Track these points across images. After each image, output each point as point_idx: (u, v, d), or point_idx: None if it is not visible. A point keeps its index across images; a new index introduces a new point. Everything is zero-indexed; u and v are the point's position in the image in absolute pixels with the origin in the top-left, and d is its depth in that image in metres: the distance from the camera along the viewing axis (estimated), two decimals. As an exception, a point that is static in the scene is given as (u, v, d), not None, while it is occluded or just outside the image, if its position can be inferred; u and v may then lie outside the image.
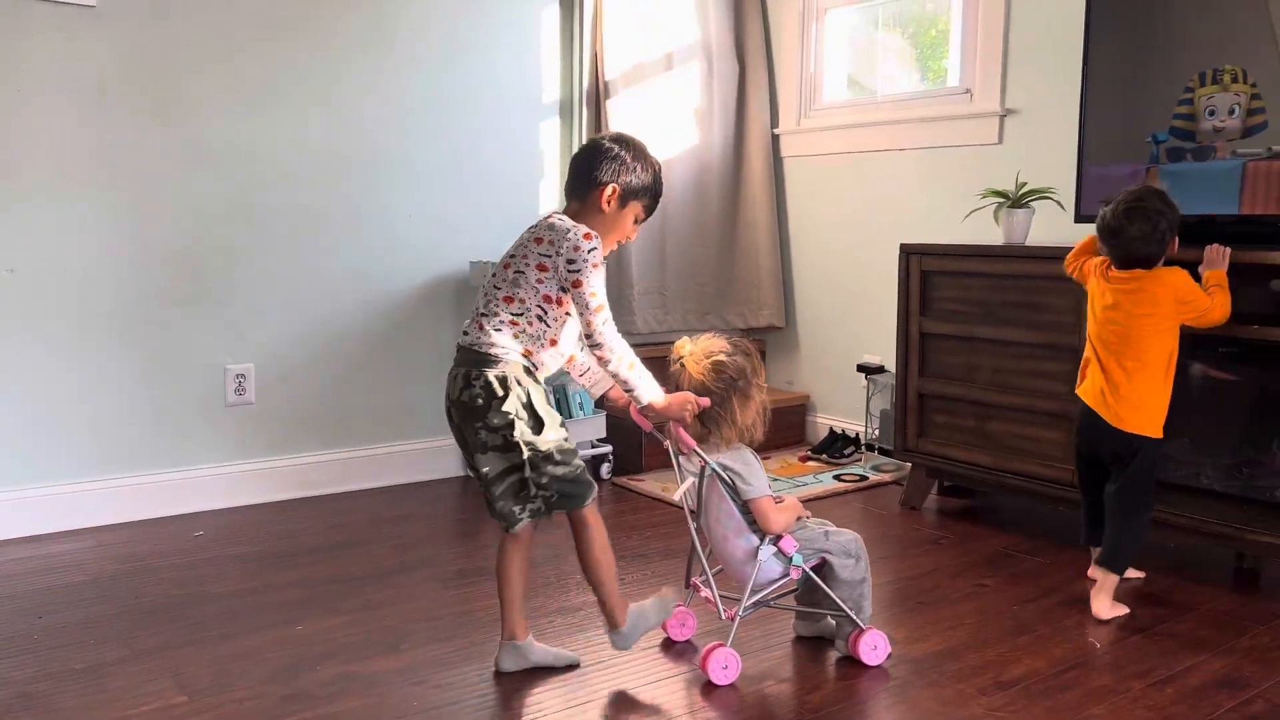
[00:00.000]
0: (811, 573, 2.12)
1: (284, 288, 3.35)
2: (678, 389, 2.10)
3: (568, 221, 2.05)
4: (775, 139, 4.33)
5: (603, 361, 2.03)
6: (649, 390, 2.04)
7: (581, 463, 2.08)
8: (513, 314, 2.03)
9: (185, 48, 3.13)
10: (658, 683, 2.09)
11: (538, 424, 2.01)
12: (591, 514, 2.10)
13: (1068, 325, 2.84)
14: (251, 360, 3.32)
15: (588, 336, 2.02)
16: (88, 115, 3.00)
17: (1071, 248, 2.87)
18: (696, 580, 2.22)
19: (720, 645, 2.08)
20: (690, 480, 2.18)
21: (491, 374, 1.99)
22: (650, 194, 2.13)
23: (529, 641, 2.13)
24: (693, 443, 2.07)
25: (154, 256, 3.13)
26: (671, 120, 4.06)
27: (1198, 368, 2.83)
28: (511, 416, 1.99)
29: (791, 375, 4.34)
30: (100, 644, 2.24)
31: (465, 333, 2.06)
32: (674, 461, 2.20)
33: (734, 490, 2.08)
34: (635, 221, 2.14)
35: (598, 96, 3.91)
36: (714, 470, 2.08)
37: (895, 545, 2.96)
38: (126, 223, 3.08)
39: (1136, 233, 2.40)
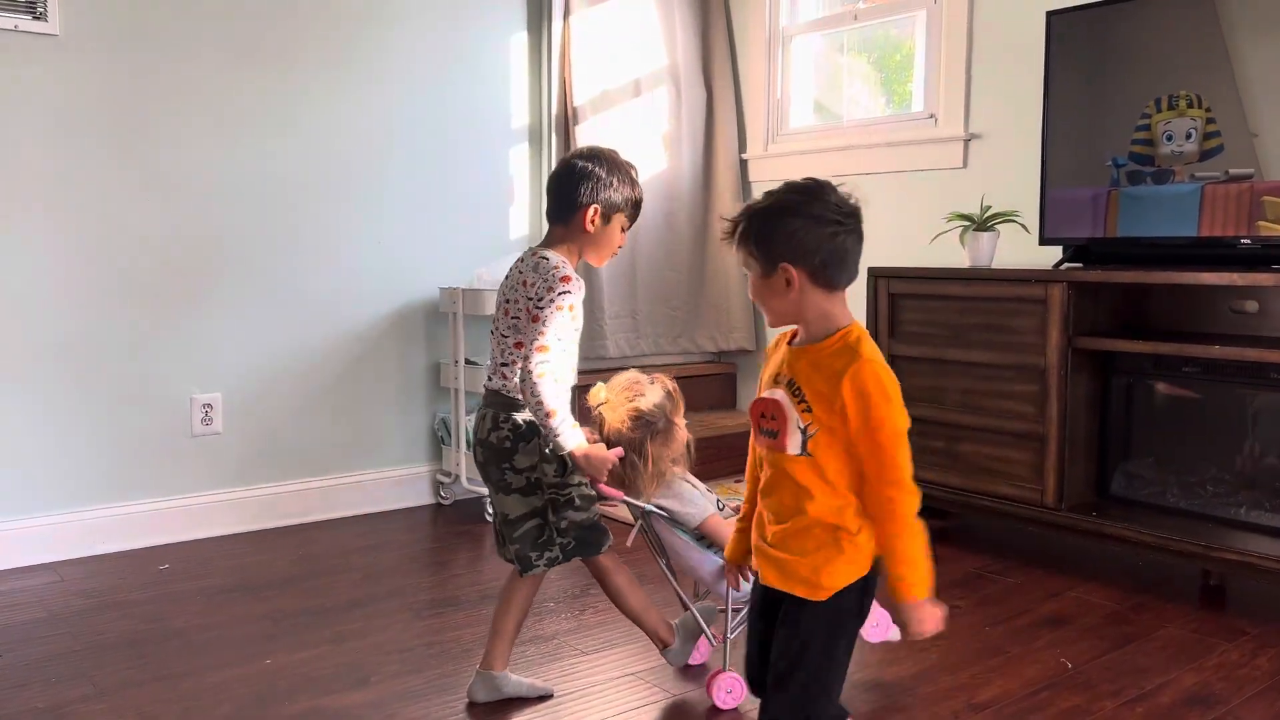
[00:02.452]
0: None
1: (251, 316, 3.32)
2: (601, 435, 2.09)
3: (552, 259, 2.01)
4: (743, 164, 4.36)
5: (528, 402, 1.95)
6: (571, 438, 1.95)
7: (599, 510, 2.09)
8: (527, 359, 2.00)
9: (149, 75, 3.11)
10: (630, 711, 2.07)
11: (562, 467, 2.02)
12: (608, 559, 2.12)
13: (1034, 346, 2.87)
14: (219, 389, 3.28)
15: (523, 373, 1.94)
16: (50, 143, 2.97)
17: (1037, 269, 2.91)
18: (694, 605, 2.22)
19: (722, 671, 2.08)
20: (636, 525, 2.18)
21: (520, 417, 2.01)
22: (632, 204, 2.12)
23: (504, 673, 2.11)
24: (618, 494, 2.06)
25: (119, 285, 3.10)
26: (640, 146, 4.07)
27: (1161, 387, 2.87)
28: (537, 459, 2.01)
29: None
30: (62, 682, 2.19)
31: (490, 378, 2.06)
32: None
33: (679, 524, 2.08)
34: (622, 230, 2.13)
35: (567, 122, 3.92)
36: (652, 511, 2.08)
37: (867, 568, 2.96)
38: (90, 251, 3.05)
39: None
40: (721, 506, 2.13)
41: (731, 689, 2.06)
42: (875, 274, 3.28)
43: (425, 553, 3.18)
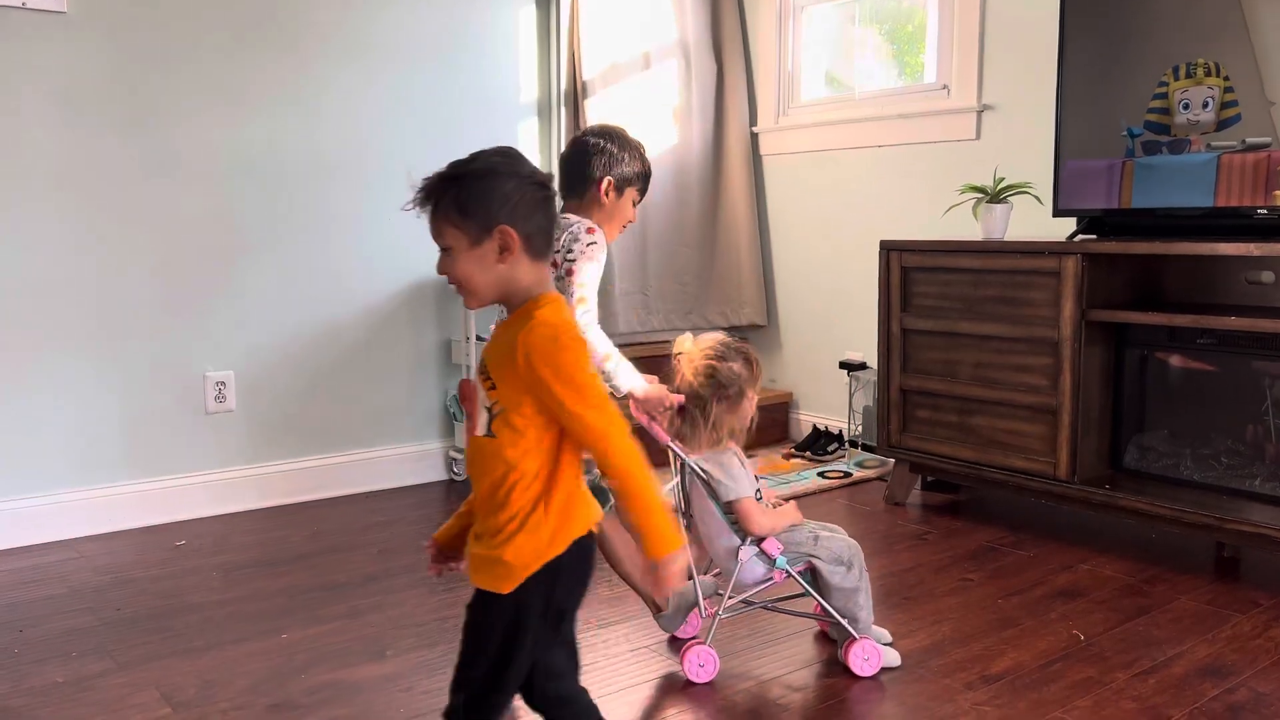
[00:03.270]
0: (798, 577, 2.12)
1: (263, 294, 3.33)
2: (674, 385, 2.11)
3: (573, 218, 2.12)
4: (754, 137, 4.33)
5: None
6: (627, 379, 2.04)
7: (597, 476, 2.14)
8: None
9: (158, 54, 3.10)
10: (641, 685, 2.09)
11: None
12: (608, 523, 2.13)
13: (1048, 318, 2.85)
14: (231, 367, 3.29)
15: None
16: (60, 123, 2.97)
17: (1051, 241, 2.89)
18: (700, 577, 2.22)
19: (699, 643, 2.09)
20: (675, 479, 2.19)
21: None
22: (642, 177, 2.22)
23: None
24: (667, 438, 2.07)
25: (131, 265, 3.11)
26: (650, 120, 4.05)
27: (1175, 359, 2.85)
28: None
29: (774, 373, 4.34)
30: (82, 656, 2.22)
31: None
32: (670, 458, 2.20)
33: (713, 492, 2.08)
34: (633, 204, 2.22)
35: (576, 96, 3.90)
36: (692, 469, 2.08)
37: (879, 541, 2.97)
38: (102, 231, 3.05)
39: None
40: (759, 494, 2.13)
41: (704, 663, 2.07)
42: (887, 247, 3.26)
43: (439, 528, 3.20)
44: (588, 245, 2.06)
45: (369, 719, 1.94)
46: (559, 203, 1.51)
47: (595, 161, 2.15)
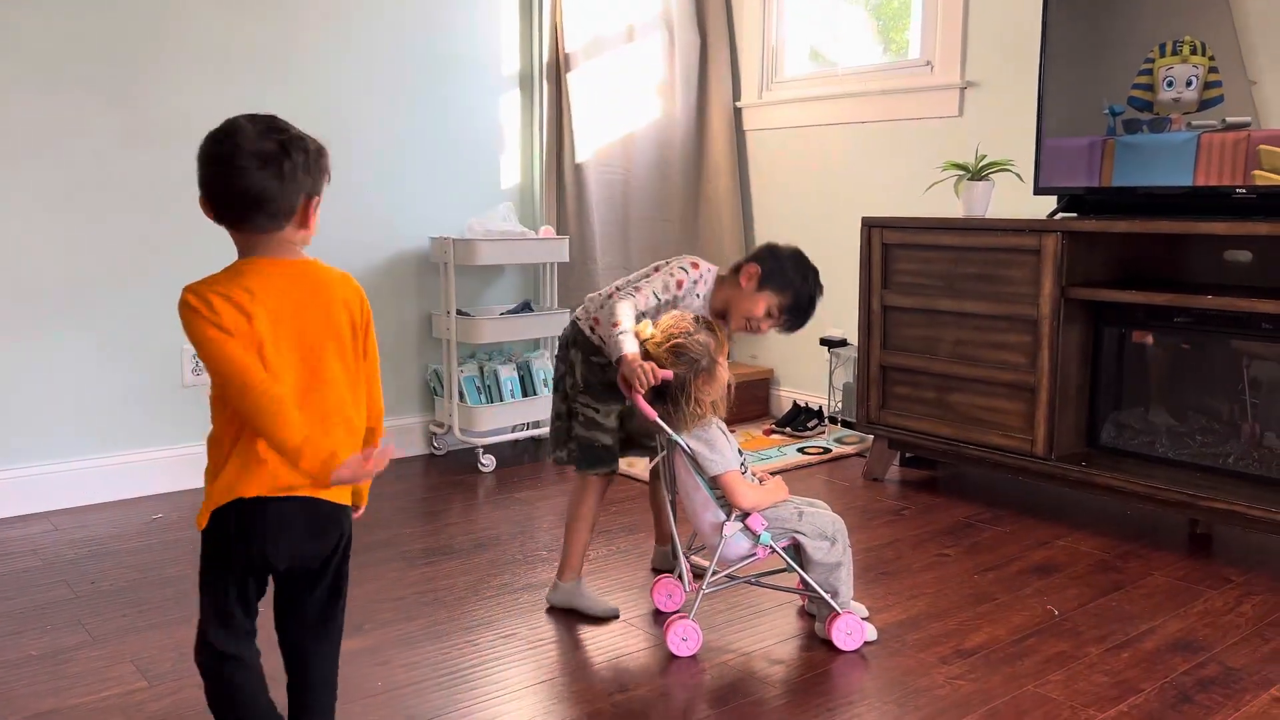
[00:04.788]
0: (782, 552, 2.12)
1: (240, 265, 3.29)
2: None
3: (701, 264, 2.33)
4: (737, 112, 4.31)
5: (602, 316, 2.24)
6: (622, 345, 2.08)
7: (601, 440, 2.28)
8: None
9: (137, 21, 3.05)
10: (628, 655, 2.10)
11: (580, 384, 2.29)
12: (592, 481, 2.29)
13: (1027, 296, 2.86)
14: (208, 339, 3.26)
15: (604, 300, 2.27)
16: (37, 91, 2.92)
17: (1031, 219, 2.89)
18: (685, 551, 2.23)
19: (682, 617, 2.10)
20: (660, 455, 2.19)
21: (581, 325, 2.30)
22: (794, 309, 2.34)
23: (577, 583, 2.33)
24: (652, 413, 2.07)
25: (107, 235, 3.07)
26: (633, 93, 4.03)
27: (1152, 338, 2.87)
28: (567, 367, 2.32)
29: (755, 349, 4.35)
30: (57, 630, 2.21)
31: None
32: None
33: (698, 466, 2.08)
34: (768, 316, 2.30)
35: (558, 69, 3.87)
36: (677, 444, 2.08)
37: (858, 516, 2.99)
38: (78, 199, 3.01)
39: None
40: (744, 466, 2.13)
41: (687, 636, 2.09)
42: (869, 223, 3.26)
43: (418, 503, 3.20)
44: (679, 269, 2.27)
45: (346, 692, 1.93)
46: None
47: (749, 259, 2.33)
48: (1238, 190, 2.61)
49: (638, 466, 3.07)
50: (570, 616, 2.27)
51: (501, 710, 1.88)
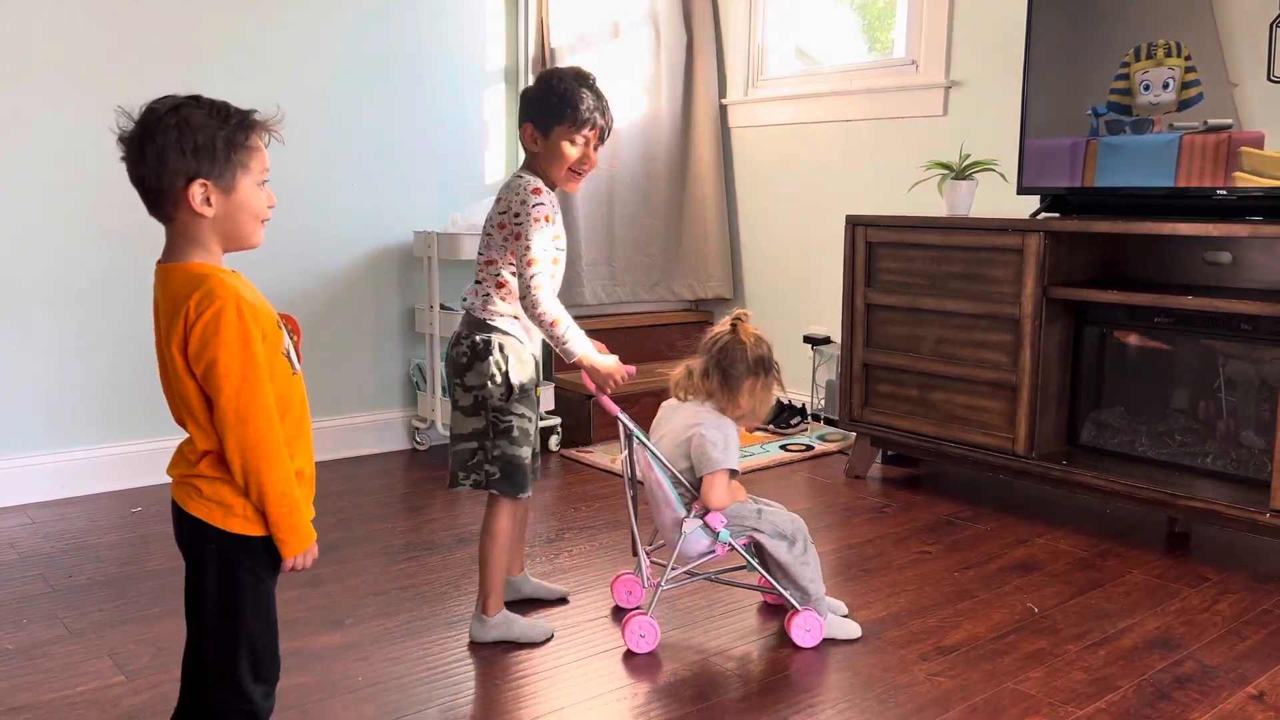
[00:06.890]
0: (742, 550, 2.13)
1: (224, 259, 3.26)
2: (713, 342, 2.12)
3: (523, 177, 2.06)
4: (723, 109, 4.31)
5: (532, 318, 2.02)
6: (579, 344, 2.02)
7: (525, 458, 2.07)
8: (495, 276, 2.06)
9: (110, 11, 3.02)
10: (594, 656, 2.09)
11: (508, 395, 2.04)
12: (515, 508, 2.12)
13: (1009, 295, 2.88)
14: (189, 333, 3.23)
15: (521, 290, 2.01)
16: (11, 83, 2.89)
17: (1014, 219, 2.90)
18: (644, 548, 2.23)
19: (640, 613, 2.10)
20: (624, 452, 2.20)
21: (478, 337, 2.04)
22: (571, 118, 2.02)
23: (524, 575, 2.31)
24: (616, 409, 2.07)
25: (86, 228, 3.04)
26: (619, 90, 4.02)
27: (1133, 337, 2.89)
28: (486, 380, 2.03)
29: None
30: (34, 624, 2.19)
31: (464, 298, 2.11)
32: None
33: (663, 464, 2.09)
34: (574, 145, 2.03)
35: (544, 64, 3.86)
36: (640, 441, 2.09)
37: (840, 514, 3.00)
38: (62, 193, 2.98)
39: None
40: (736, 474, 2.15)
41: (645, 633, 2.08)
42: (853, 222, 3.27)
43: (400, 498, 3.19)
44: (533, 207, 2.00)
45: (328, 688, 1.93)
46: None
47: (522, 107, 2.09)
48: (1218, 191, 2.63)
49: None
50: (549, 611, 2.27)
51: (482, 705, 1.88)
